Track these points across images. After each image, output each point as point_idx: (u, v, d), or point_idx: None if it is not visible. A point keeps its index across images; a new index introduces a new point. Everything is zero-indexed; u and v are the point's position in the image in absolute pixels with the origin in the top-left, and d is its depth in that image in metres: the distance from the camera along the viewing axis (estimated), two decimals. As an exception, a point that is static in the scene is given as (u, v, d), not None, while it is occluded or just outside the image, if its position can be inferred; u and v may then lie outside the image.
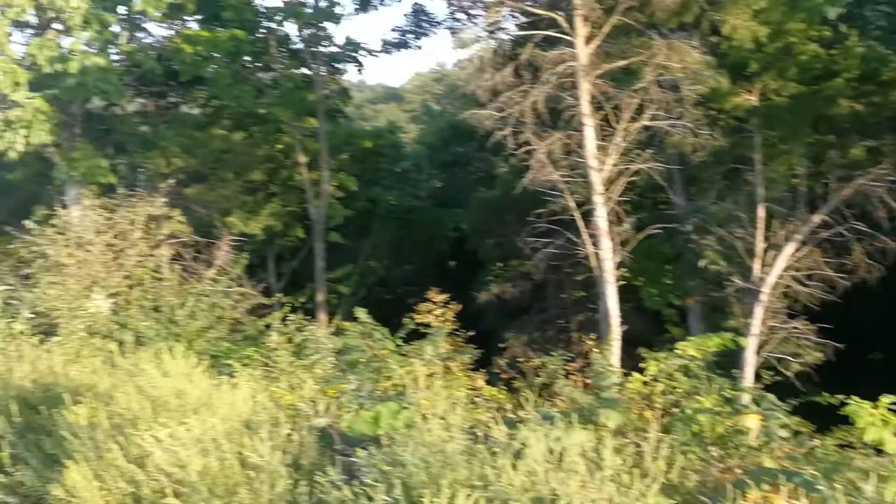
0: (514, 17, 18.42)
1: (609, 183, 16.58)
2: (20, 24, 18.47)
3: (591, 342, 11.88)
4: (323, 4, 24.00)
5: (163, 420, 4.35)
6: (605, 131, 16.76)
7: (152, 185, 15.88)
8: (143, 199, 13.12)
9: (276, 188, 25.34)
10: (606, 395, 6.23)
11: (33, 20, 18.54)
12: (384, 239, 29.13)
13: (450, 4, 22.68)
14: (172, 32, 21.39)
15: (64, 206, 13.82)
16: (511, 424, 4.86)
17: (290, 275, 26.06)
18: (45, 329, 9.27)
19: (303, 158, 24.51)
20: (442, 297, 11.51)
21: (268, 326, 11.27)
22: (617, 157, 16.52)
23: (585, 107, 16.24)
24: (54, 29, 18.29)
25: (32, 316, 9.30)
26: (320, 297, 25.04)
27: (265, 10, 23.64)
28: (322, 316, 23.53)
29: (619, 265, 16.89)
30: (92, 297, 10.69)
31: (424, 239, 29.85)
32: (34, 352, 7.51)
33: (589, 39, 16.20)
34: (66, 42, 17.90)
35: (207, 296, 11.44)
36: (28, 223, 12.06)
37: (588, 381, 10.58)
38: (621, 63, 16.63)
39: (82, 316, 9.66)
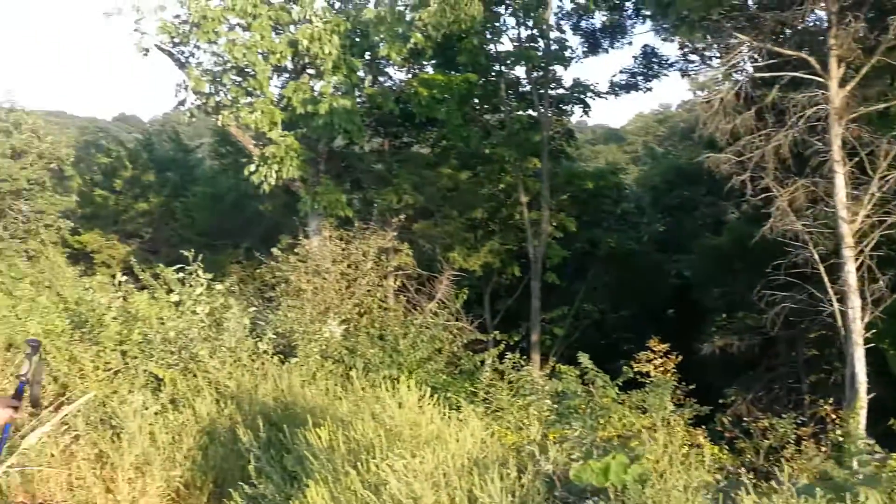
0: (752, 58, 17.52)
1: (861, 236, 15.13)
2: (278, 69, 20.29)
3: (829, 407, 10.78)
4: (553, 48, 24.28)
5: (397, 450, 4.39)
6: (859, 180, 15.35)
7: (384, 219, 16.63)
8: (375, 233, 13.78)
9: (495, 226, 25.69)
10: (866, 470, 5.54)
11: (289, 65, 20.32)
12: (601, 282, 28.56)
13: (681, 46, 22.08)
14: (410, 76, 22.53)
15: (306, 236, 14.79)
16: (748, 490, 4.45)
17: (504, 312, 26.24)
18: (284, 349, 9.81)
19: (524, 198, 24.71)
20: (662, 347, 10.97)
21: (482, 362, 11.35)
22: (871, 207, 15.08)
23: (837, 153, 14.95)
24: (308, 73, 19.95)
25: (274, 336, 9.86)
26: (534, 336, 24.90)
27: (497, 55, 24.35)
28: (535, 356, 23.37)
29: (868, 326, 15.30)
30: (327, 322, 11.27)
31: (643, 284, 28.78)
32: (275, 370, 7.98)
33: (843, 81, 15.01)
34: (317, 85, 19.42)
35: (428, 328, 11.68)
36: (274, 250, 12.82)
37: (825, 448, 9.58)
38: (881, 106, 15.21)
39: (317, 340, 10.17)
